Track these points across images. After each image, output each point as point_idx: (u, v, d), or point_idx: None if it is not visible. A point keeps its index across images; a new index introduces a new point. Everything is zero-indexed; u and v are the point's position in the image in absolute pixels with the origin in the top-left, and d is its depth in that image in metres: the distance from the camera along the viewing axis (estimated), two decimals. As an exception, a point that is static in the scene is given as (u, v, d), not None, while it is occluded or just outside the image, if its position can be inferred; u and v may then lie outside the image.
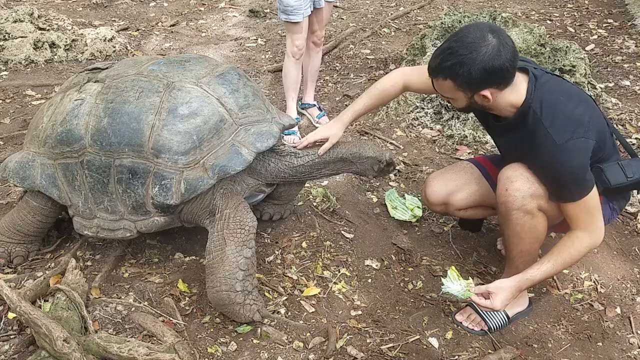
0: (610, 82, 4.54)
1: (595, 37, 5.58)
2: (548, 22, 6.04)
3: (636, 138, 3.68)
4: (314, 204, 3.10)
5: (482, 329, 2.35)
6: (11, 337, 2.26)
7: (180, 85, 2.43)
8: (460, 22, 4.27)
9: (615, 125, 3.83)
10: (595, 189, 2.08)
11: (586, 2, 6.71)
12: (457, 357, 2.24)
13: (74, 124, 2.43)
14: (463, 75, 1.97)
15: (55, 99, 2.64)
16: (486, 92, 2.02)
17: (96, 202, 2.47)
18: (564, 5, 6.64)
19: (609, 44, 5.37)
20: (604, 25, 5.91)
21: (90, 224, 2.50)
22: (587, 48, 5.23)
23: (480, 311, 2.35)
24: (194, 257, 2.76)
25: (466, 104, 2.12)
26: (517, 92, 2.08)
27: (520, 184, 2.13)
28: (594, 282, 2.61)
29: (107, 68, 2.65)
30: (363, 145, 2.66)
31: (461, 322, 2.39)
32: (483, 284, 2.48)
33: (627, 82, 4.53)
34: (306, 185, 3.06)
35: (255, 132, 2.46)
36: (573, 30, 5.77)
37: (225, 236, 2.31)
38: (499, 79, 1.99)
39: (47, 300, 2.37)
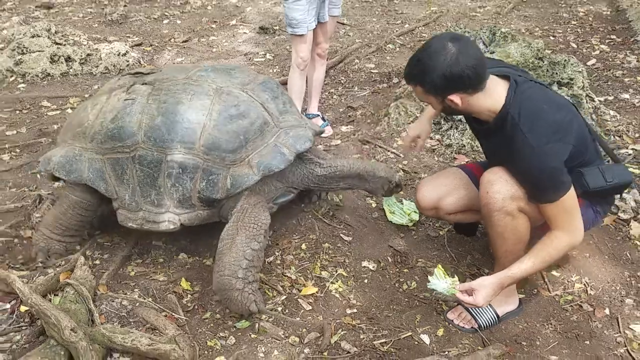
0: (609, 96, 4.62)
1: (598, 52, 5.68)
2: (551, 38, 6.15)
3: (633, 148, 3.75)
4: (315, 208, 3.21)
5: (472, 327, 2.42)
6: (23, 328, 2.38)
7: (228, 90, 2.65)
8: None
9: (612, 136, 3.92)
10: (572, 190, 2.16)
11: (590, 19, 6.82)
12: (447, 352, 2.32)
13: (126, 121, 2.60)
14: (428, 82, 2.11)
15: (100, 99, 2.80)
16: (454, 97, 2.13)
17: (143, 195, 2.61)
18: (568, 22, 6.75)
19: (610, 59, 5.46)
20: (607, 41, 6.00)
21: (136, 216, 2.64)
22: (588, 63, 5.33)
23: (471, 310, 2.43)
24: (197, 258, 2.87)
25: (441, 108, 2.25)
26: (494, 97, 2.18)
27: (499, 187, 2.23)
28: (584, 284, 2.68)
29: (149, 73, 2.85)
30: (377, 166, 2.91)
31: (452, 320, 2.47)
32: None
33: (627, 95, 4.61)
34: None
35: (294, 135, 2.68)
36: (575, 46, 5.87)
37: (239, 227, 2.47)
38: (460, 85, 2.10)
39: (57, 295, 2.50)
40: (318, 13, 3.80)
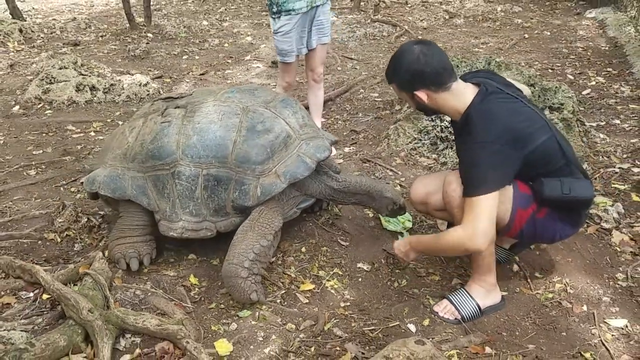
0: (602, 121, 4.86)
1: (594, 83, 5.94)
2: (549, 70, 6.44)
3: (619, 167, 3.96)
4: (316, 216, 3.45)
5: (456, 318, 2.61)
6: (44, 312, 2.62)
7: (254, 108, 2.96)
8: (457, 66, 4.69)
9: (600, 157, 4.14)
10: (493, 197, 2.27)
11: (588, 53, 7.11)
12: (431, 339, 2.50)
13: (165, 142, 2.90)
14: (397, 78, 2.45)
15: (136, 123, 3.12)
16: (420, 93, 2.42)
17: (182, 206, 2.89)
18: (567, 56, 7.05)
19: (605, 89, 5.71)
20: (603, 73, 6.27)
21: (176, 226, 2.90)
22: (583, 92, 5.59)
23: (454, 302, 2.62)
24: (205, 258, 3.11)
25: (414, 104, 2.53)
26: (461, 99, 2.43)
27: (456, 185, 2.46)
28: (564, 284, 2.85)
29: (179, 97, 3.17)
30: (385, 187, 3.17)
31: (438, 312, 2.66)
32: (461, 284, 2.79)
33: (618, 121, 4.84)
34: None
35: (314, 146, 2.98)
36: (572, 78, 6.14)
37: (253, 225, 2.74)
38: (423, 80, 2.39)
39: (76, 285, 2.74)
40: (307, 42, 4.18)
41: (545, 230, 2.54)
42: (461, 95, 2.44)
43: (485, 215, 2.28)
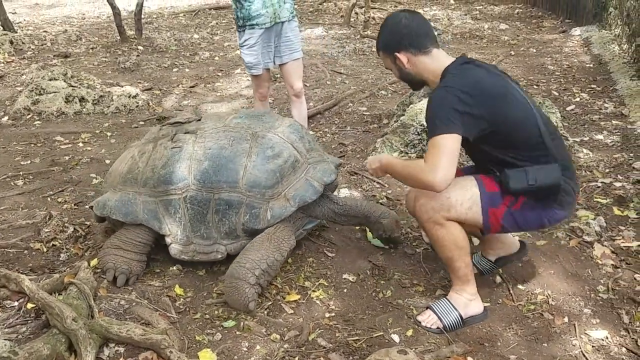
0: (585, 137, 4.94)
1: (578, 99, 6.04)
2: (535, 86, 6.55)
3: (602, 182, 4.02)
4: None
5: (438, 328, 2.63)
6: (28, 321, 2.62)
7: (263, 134, 3.03)
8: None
9: (583, 171, 4.21)
10: (452, 139, 2.29)
11: (573, 70, 7.24)
12: (413, 349, 2.52)
13: (176, 167, 2.94)
14: (381, 42, 2.60)
15: (146, 148, 3.14)
16: (401, 55, 2.52)
17: (193, 230, 2.93)
18: (552, 72, 7.17)
19: (589, 106, 5.81)
20: (587, 90, 6.38)
21: (187, 249, 2.95)
22: (567, 108, 5.69)
23: (437, 311, 2.65)
24: (190, 269, 3.11)
25: (397, 72, 2.62)
26: (437, 64, 2.49)
27: (423, 200, 2.51)
28: (546, 296, 2.89)
29: (187, 122, 3.21)
30: (385, 212, 3.23)
31: (421, 322, 2.68)
32: (445, 295, 2.82)
33: (601, 137, 4.93)
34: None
35: (321, 170, 3.07)
36: (557, 94, 6.25)
37: (271, 238, 2.81)
38: (403, 41, 2.50)
39: (61, 294, 2.74)
40: (274, 56, 4.30)
41: (528, 220, 2.54)
42: (439, 60, 2.50)
43: (444, 155, 2.29)
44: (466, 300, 2.64)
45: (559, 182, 2.45)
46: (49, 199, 4.00)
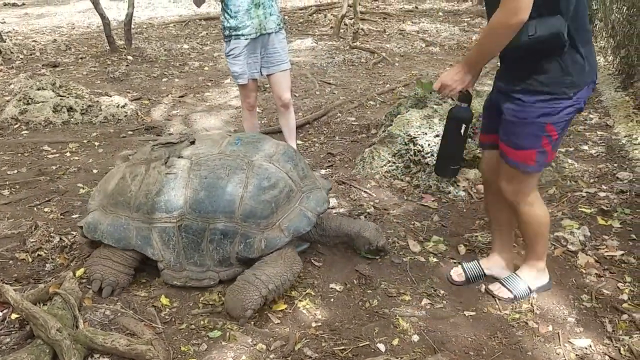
0: (570, 147, 5.00)
1: (563, 111, 6.09)
2: (521, 98, 6.60)
3: (587, 192, 4.07)
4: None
5: (508, 297, 2.92)
6: (12, 332, 2.60)
7: (259, 164, 3.03)
8: (431, 92, 4.81)
9: (568, 181, 4.25)
10: None
11: (559, 82, 7.31)
12: (400, 358, 2.53)
13: (172, 195, 2.94)
14: None
15: (138, 170, 3.09)
16: None
17: (187, 257, 2.95)
18: (538, 84, 7.24)
19: (575, 117, 5.86)
20: (573, 101, 6.44)
21: (180, 275, 2.96)
22: (553, 119, 5.73)
23: (506, 285, 2.94)
24: (178, 279, 3.11)
25: None
26: None
27: (503, 186, 2.72)
28: (531, 305, 2.92)
29: (179, 142, 3.20)
30: (364, 226, 3.28)
31: (492, 291, 2.96)
32: (432, 304, 2.83)
33: (586, 147, 4.99)
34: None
35: (314, 199, 3.12)
36: (543, 105, 6.30)
37: (284, 258, 2.91)
38: None
39: (46, 304, 2.72)
40: (261, 67, 4.33)
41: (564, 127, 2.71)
42: None
43: None
44: (536, 273, 2.93)
45: (558, 30, 2.29)
46: (35, 208, 3.98)
